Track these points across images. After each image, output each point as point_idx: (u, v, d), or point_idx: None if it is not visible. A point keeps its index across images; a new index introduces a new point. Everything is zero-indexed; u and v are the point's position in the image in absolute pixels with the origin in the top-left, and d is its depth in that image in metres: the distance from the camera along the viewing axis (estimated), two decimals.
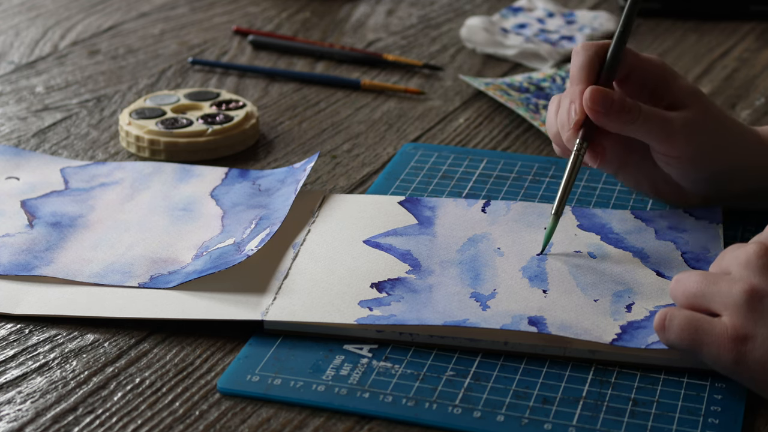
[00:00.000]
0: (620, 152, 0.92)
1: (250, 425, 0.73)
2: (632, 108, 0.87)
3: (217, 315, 0.81)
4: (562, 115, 0.89)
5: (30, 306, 0.83)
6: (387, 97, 1.18)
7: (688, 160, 0.89)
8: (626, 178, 0.95)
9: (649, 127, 0.87)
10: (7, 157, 1.03)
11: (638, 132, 0.88)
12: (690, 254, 0.87)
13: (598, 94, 0.87)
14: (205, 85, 1.21)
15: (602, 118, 0.87)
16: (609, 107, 0.86)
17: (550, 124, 0.91)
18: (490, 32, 1.30)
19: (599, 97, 0.87)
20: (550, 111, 0.91)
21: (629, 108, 0.87)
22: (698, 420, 0.73)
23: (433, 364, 0.77)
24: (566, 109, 0.89)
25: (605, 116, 0.87)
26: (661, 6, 1.39)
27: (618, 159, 0.93)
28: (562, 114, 0.89)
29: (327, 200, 0.96)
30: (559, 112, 0.90)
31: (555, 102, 0.91)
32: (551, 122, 0.91)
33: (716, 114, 0.90)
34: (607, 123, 0.87)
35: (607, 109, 0.86)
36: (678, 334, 0.74)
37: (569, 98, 0.89)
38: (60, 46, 1.30)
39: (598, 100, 0.87)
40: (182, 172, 1.00)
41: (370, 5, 1.43)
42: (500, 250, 0.88)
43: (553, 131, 0.91)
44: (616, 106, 0.87)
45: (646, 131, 0.87)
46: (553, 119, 0.91)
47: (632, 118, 0.87)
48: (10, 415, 0.73)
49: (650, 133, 0.88)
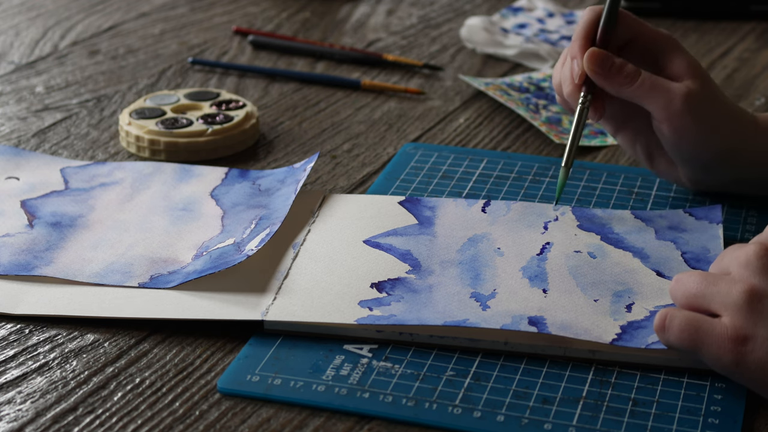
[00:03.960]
0: (620, 114, 0.95)
1: (250, 425, 0.73)
2: (631, 73, 0.89)
3: (217, 315, 0.81)
4: (565, 70, 0.92)
5: (30, 306, 0.83)
6: (387, 97, 1.18)
7: (685, 131, 0.90)
8: (624, 140, 0.97)
9: (648, 93, 0.89)
10: (7, 157, 1.03)
11: (638, 97, 0.90)
12: (690, 254, 0.87)
13: (597, 55, 0.90)
14: (205, 85, 1.21)
15: (601, 79, 0.90)
16: (608, 69, 0.90)
17: (556, 74, 0.94)
18: (490, 32, 1.30)
19: (599, 59, 0.90)
20: (558, 61, 0.94)
21: (628, 72, 0.89)
22: (698, 420, 0.73)
23: (433, 364, 0.77)
24: (570, 64, 0.92)
25: (604, 78, 0.90)
26: (661, 6, 1.39)
27: (618, 120, 0.95)
28: (565, 69, 0.92)
29: (327, 200, 0.96)
30: (563, 67, 0.92)
31: (565, 53, 0.94)
32: (557, 72, 0.94)
33: (716, 92, 0.92)
34: (605, 84, 0.90)
35: (605, 71, 0.90)
36: (678, 334, 0.74)
37: (571, 54, 0.92)
38: (60, 46, 1.30)
39: (597, 60, 0.90)
40: (182, 172, 1.00)
41: (370, 5, 1.43)
42: (500, 250, 0.88)
43: (557, 81, 0.94)
44: (615, 68, 0.89)
45: (646, 97, 0.90)
46: (559, 69, 0.94)
47: (630, 81, 0.89)
48: (10, 415, 0.73)
49: (650, 100, 0.90)
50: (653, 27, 0.93)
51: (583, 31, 0.92)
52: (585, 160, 1.05)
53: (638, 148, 0.96)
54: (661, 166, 0.95)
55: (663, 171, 0.95)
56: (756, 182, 0.94)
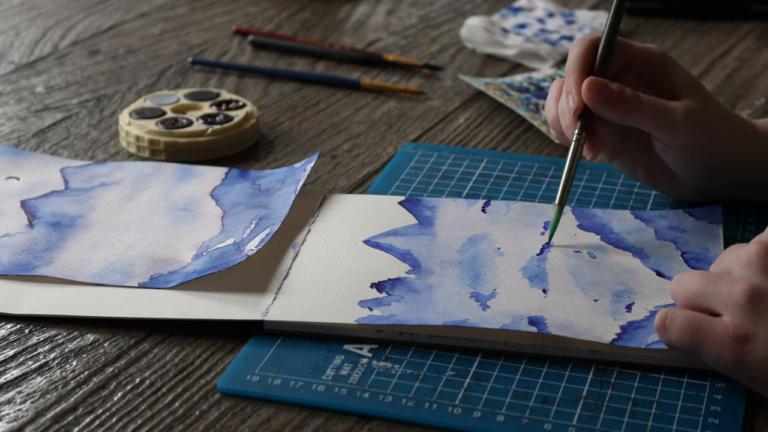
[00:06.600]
0: (617, 141, 0.93)
1: (250, 425, 0.73)
2: (631, 98, 0.88)
3: (217, 315, 0.81)
4: (562, 104, 0.90)
5: (30, 306, 0.83)
6: (387, 97, 1.18)
7: (689, 149, 0.89)
8: (622, 165, 0.96)
9: (649, 116, 0.88)
10: (7, 157, 1.03)
11: (639, 121, 0.89)
12: (690, 254, 0.87)
13: (595, 84, 0.88)
14: (205, 85, 1.21)
15: (601, 107, 0.88)
16: (607, 97, 0.88)
17: (549, 108, 0.92)
18: (490, 32, 1.30)
19: (597, 87, 0.88)
20: (550, 95, 0.93)
21: (628, 98, 0.88)
22: (698, 420, 0.73)
23: (433, 364, 0.77)
24: (565, 98, 0.90)
25: (604, 106, 0.88)
26: (661, 6, 1.39)
27: (614, 146, 0.94)
28: (562, 103, 0.90)
29: (327, 200, 0.96)
30: (560, 102, 0.91)
31: (556, 86, 0.92)
32: (550, 107, 0.92)
33: (716, 105, 0.91)
34: (606, 113, 0.88)
35: (605, 99, 0.88)
36: (679, 334, 0.74)
37: (566, 89, 0.90)
38: (60, 46, 1.30)
39: (595, 89, 0.88)
40: (182, 172, 1.00)
41: (370, 5, 1.43)
42: (500, 250, 0.88)
43: (552, 116, 0.92)
44: (614, 96, 0.88)
45: (647, 120, 0.89)
46: (553, 104, 0.92)
47: (631, 108, 0.88)
48: (10, 415, 0.73)
49: (651, 123, 0.89)
50: (642, 45, 0.92)
51: (576, 64, 0.90)
52: (585, 160, 1.04)
53: (638, 170, 0.94)
54: (664, 183, 0.94)
55: (666, 187, 0.95)
56: (759, 189, 0.94)
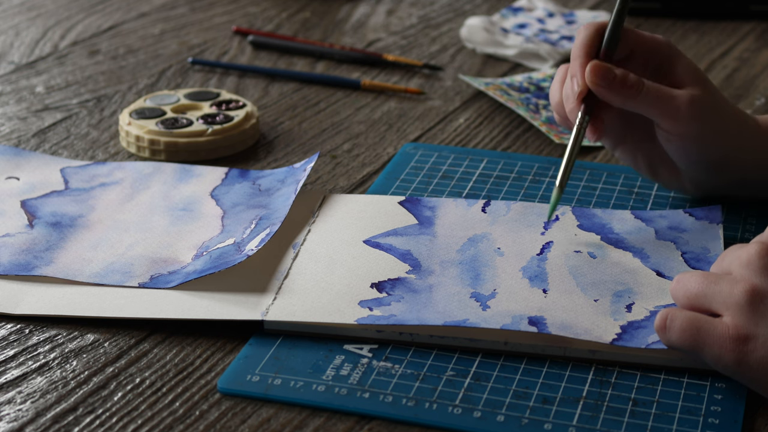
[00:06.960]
0: (619, 129, 0.94)
1: (250, 425, 0.73)
2: (635, 83, 0.89)
3: (217, 315, 0.81)
4: (566, 88, 0.91)
5: (30, 306, 0.83)
6: (387, 97, 1.18)
7: (691, 138, 0.90)
8: (624, 154, 0.96)
9: (653, 102, 0.89)
10: (7, 157, 1.03)
11: (642, 107, 0.89)
12: (690, 254, 0.87)
13: (599, 68, 0.89)
14: (205, 85, 1.21)
15: (604, 91, 0.89)
16: (611, 81, 0.89)
17: (554, 92, 0.93)
18: (490, 32, 1.30)
19: (601, 71, 0.89)
20: (555, 79, 0.93)
21: (632, 83, 0.89)
22: (698, 420, 0.73)
23: (433, 364, 0.77)
24: (570, 82, 0.91)
25: (607, 90, 0.89)
26: (661, 6, 1.39)
27: (617, 135, 0.94)
28: (567, 87, 0.91)
29: (327, 200, 0.96)
30: (564, 86, 0.91)
31: (561, 71, 0.93)
32: (555, 91, 0.93)
33: (720, 97, 0.92)
34: (609, 96, 0.89)
35: (608, 83, 0.89)
36: (679, 334, 0.74)
37: (570, 73, 0.91)
38: (60, 46, 1.30)
39: (599, 73, 0.89)
40: (182, 172, 1.00)
41: (370, 5, 1.43)
42: (500, 250, 0.88)
43: (556, 100, 0.93)
44: (618, 80, 0.88)
45: (650, 107, 0.89)
46: (557, 88, 0.93)
47: (634, 92, 0.88)
48: (10, 415, 0.73)
49: (655, 109, 0.89)
50: (649, 34, 0.93)
51: (582, 49, 0.91)
52: (585, 160, 1.05)
53: (640, 160, 0.95)
54: (664, 175, 0.95)
55: (666, 180, 0.95)
56: (759, 184, 0.94)
